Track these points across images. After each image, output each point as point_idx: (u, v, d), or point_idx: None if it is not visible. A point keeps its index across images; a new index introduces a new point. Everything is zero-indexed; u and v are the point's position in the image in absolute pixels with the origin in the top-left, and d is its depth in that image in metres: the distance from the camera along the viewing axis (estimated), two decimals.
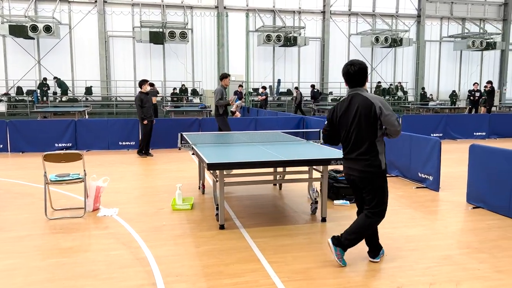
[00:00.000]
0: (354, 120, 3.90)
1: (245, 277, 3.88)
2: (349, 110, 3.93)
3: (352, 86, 3.99)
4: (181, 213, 5.85)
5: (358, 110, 3.87)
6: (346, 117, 3.96)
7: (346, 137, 4.00)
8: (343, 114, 3.98)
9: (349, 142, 3.99)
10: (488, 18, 28.34)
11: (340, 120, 4.00)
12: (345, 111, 3.96)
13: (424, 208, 6.14)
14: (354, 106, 3.91)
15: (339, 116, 4.00)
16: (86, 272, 3.99)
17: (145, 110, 10.37)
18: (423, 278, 3.85)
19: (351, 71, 3.93)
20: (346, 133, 3.99)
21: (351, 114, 3.91)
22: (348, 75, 3.95)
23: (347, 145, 4.03)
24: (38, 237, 4.93)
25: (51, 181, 5.60)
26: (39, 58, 22.88)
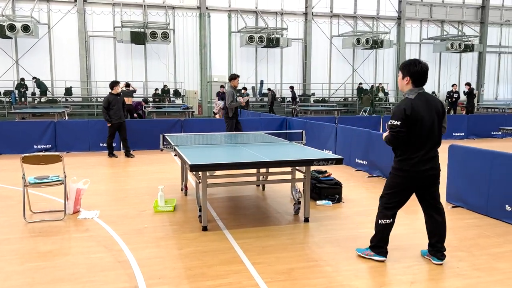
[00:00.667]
0: (434, 118, 3.94)
1: (228, 279, 3.87)
2: (429, 108, 3.93)
3: (421, 84, 4.00)
4: (163, 215, 5.80)
5: (435, 108, 3.96)
6: (428, 116, 3.91)
7: (429, 136, 3.94)
8: (424, 112, 3.90)
9: (432, 140, 3.97)
10: (466, 20, 28.95)
11: (423, 118, 3.89)
12: (425, 109, 3.91)
13: (405, 207, 6.13)
14: (431, 104, 3.96)
15: (422, 115, 3.89)
16: (66, 276, 3.93)
17: (112, 112, 10.34)
18: (404, 277, 3.90)
19: (425, 69, 3.97)
20: (428, 132, 3.93)
21: (432, 112, 3.93)
22: (423, 73, 3.96)
23: (429, 143, 3.96)
24: (16, 241, 4.83)
25: (30, 184, 5.49)
26: (17, 58, 22.44)
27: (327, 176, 6.64)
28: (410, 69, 3.99)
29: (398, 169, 4.05)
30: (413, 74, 3.97)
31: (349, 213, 5.91)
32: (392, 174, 4.15)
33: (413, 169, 3.96)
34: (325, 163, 5.03)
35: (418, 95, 3.95)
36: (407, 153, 3.97)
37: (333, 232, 5.14)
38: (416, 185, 4.08)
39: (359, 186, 7.59)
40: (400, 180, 4.06)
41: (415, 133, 3.91)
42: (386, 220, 4.15)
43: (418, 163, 3.96)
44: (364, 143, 8.67)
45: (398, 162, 4.06)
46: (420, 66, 3.96)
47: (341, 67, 27.29)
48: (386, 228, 4.19)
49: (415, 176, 4.00)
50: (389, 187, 4.17)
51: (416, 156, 3.95)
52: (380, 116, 13.96)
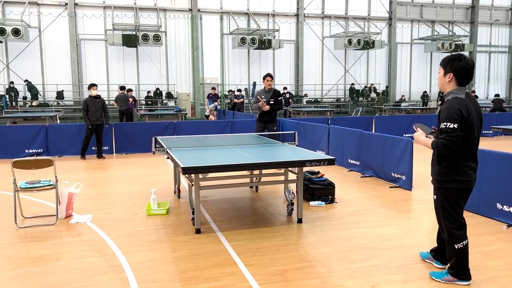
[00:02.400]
0: (479, 123, 3.59)
1: (222, 281, 3.86)
2: (476, 112, 3.54)
3: (466, 83, 3.56)
4: (157, 218, 5.79)
5: (479, 113, 3.59)
6: (477, 120, 3.55)
7: (477, 142, 3.58)
8: (475, 116, 3.51)
9: (477, 147, 3.61)
10: (457, 20, 29.18)
11: (474, 122, 3.50)
12: (475, 112, 3.51)
13: (397, 207, 6.26)
14: (477, 107, 3.56)
15: (473, 117, 3.49)
16: (58, 281, 3.90)
17: (90, 114, 10.74)
18: (397, 276, 3.92)
19: (471, 65, 3.52)
20: (477, 137, 3.58)
21: (478, 116, 3.57)
22: (468, 70, 3.52)
23: (476, 150, 3.61)
24: (7, 247, 4.79)
25: (21, 188, 5.44)
26: (8, 62, 22.26)
27: (319, 176, 6.66)
28: (454, 65, 3.53)
29: (453, 181, 3.57)
30: (458, 71, 3.51)
31: (342, 214, 5.93)
32: (445, 188, 3.64)
33: (468, 179, 3.57)
34: (317, 164, 5.04)
35: (468, 95, 3.53)
36: (458, 163, 3.53)
37: (326, 232, 5.15)
38: (467, 195, 3.68)
39: (352, 186, 7.61)
40: (458, 192, 3.61)
41: (470, 138, 3.48)
42: (463, 242, 3.69)
43: (472, 173, 3.56)
44: (357, 143, 8.71)
45: (451, 172, 3.56)
46: (466, 61, 3.50)
47: (333, 68, 27.38)
48: (466, 250, 3.72)
49: (468, 187, 3.60)
50: (450, 204, 3.66)
51: (470, 165, 3.54)
52: (372, 117, 14.02)
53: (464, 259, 3.73)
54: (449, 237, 3.73)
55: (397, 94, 28.24)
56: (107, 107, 11.37)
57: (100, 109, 10.83)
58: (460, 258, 3.71)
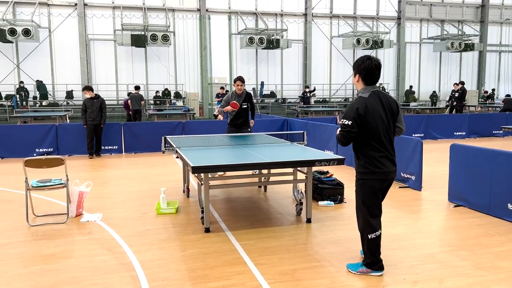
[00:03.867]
0: (388, 118, 3.80)
1: (232, 280, 3.87)
2: (383, 107, 3.77)
3: (372, 82, 3.81)
4: (166, 217, 5.81)
5: (389, 108, 3.80)
6: (384, 115, 3.76)
7: (385, 136, 3.78)
8: (380, 112, 3.74)
9: (388, 141, 3.82)
10: (466, 20, 28.93)
11: (379, 118, 3.73)
12: (380, 108, 3.75)
13: (407, 207, 6.23)
14: (385, 103, 3.79)
15: (378, 114, 3.72)
16: (70, 279, 3.94)
17: (88, 114, 11.00)
18: (407, 276, 3.90)
19: (374, 65, 3.76)
20: (386, 132, 3.79)
21: (386, 111, 3.78)
22: (371, 70, 3.76)
23: (389, 144, 3.83)
24: (19, 245, 4.84)
25: (33, 187, 5.50)
26: (18, 62, 22.48)
27: (328, 176, 6.65)
28: (359, 66, 3.80)
29: (367, 173, 3.81)
30: (362, 71, 3.79)
31: (351, 214, 5.91)
32: (361, 180, 3.88)
33: (381, 170, 3.78)
34: (326, 163, 5.03)
35: (372, 93, 3.77)
36: (370, 154, 3.78)
37: (335, 232, 5.14)
38: (384, 186, 3.88)
39: None
40: (372, 183, 3.81)
41: (374, 133, 3.74)
42: (376, 233, 3.86)
43: (384, 164, 3.79)
44: None
45: (364, 165, 3.82)
46: (368, 62, 3.76)
47: (341, 68, 27.29)
48: (378, 241, 3.90)
49: (383, 178, 3.82)
50: (366, 197, 3.87)
51: (381, 157, 3.77)
52: None
53: (376, 250, 3.92)
54: (363, 227, 3.94)
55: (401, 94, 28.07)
56: (106, 107, 11.40)
57: (97, 110, 11.02)
58: (372, 248, 3.91)
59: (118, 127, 11.72)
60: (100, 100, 11.13)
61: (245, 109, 8.04)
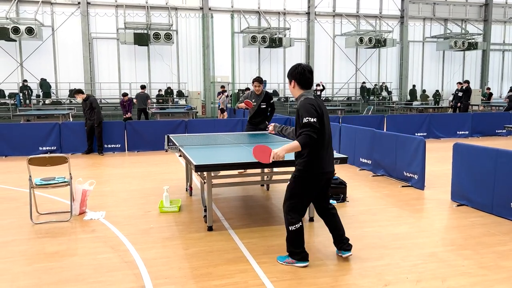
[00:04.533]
0: (328, 119, 4.04)
1: (234, 278, 3.89)
2: (325, 110, 4.02)
3: (308, 86, 4.02)
4: (169, 215, 5.83)
5: (325, 110, 4.01)
6: (325, 116, 3.98)
7: (328, 136, 4.01)
8: (324, 112, 3.94)
9: (331, 141, 4.05)
10: (470, 18, 28.86)
11: (325, 117, 3.94)
12: (324, 109, 3.96)
13: (409, 206, 6.23)
14: (325, 106, 4.04)
15: (324, 113, 3.93)
16: (73, 277, 3.96)
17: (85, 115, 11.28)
18: (409, 275, 3.91)
19: (307, 70, 3.99)
20: (329, 132, 4.02)
21: (326, 113, 4.01)
22: (303, 74, 3.97)
23: (330, 144, 4.06)
24: (23, 242, 4.87)
25: (36, 185, 5.53)
26: (22, 61, 22.56)
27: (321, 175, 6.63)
28: (292, 73, 4.03)
29: (305, 171, 3.91)
30: (296, 77, 3.99)
31: (353, 212, 5.92)
32: (297, 177, 3.99)
33: (320, 171, 3.91)
34: None
35: (314, 96, 3.97)
36: (315, 153, 3.88)
37: None
38: (320, 186, 4.04)
39: (364, 185, 7.59)
40: (307, 182, 3.95)
41: (324, 130, 3.89)
42: (296, 226, 4.02)
43: (325, 164, 3.93)
44: (368, 142, 8.67)
45: (304, 163, 3.91)
46: (301, 68, 3.98)
47: (344, 67, 27.27)
48: (299, 232, 4.06)
49: (319, 178, 3.96)
50: (296, 192, 4.02)
51: (324, 156, 3.91)
52: (384, 115, 13.94)
53: (298, 241, 4.08)
54: (287, 219, 4.08)
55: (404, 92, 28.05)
56: (99, 105, 11.40)
57: (88, 110, 11.10)
58: (294, 240, 4.08)
59: (121, 126, 11.74)
60: (90, 100, 11.16)
61: (263, 109, 8.20)
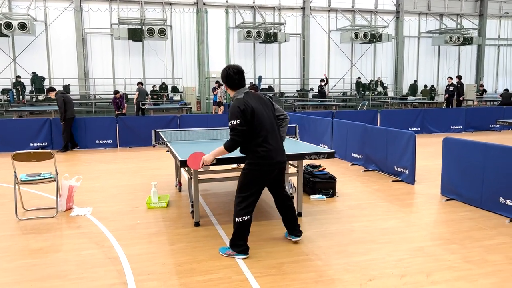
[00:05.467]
0: (269, 111, 4.16)
1: (218, 274, 3.85)
2: (260, 102, 4.11)
3: (239, 86, 4.13)
4: (157, 211, 5.79)
5: (264, 102, 4.17)
6: (263, 109, 4.08)
7: (271, 127, 4.10)
8: (258, 105, 4.05)
9: (275, 132, 4.14)
10: (465, 13, 28.80)
11: (259, 111, 4.03)
12: (258, 103, 4.07)
13: (399, 201, 6.20)
14: (260, 98, 4.17)
15: (257, 107, 4.03)
16: (56, 273, 3.91)
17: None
18: (394, 270, 3.88)
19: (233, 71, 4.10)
20: (269, 124, 4.09)
21: (264, 105, 4.13)
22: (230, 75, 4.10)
23: (274, 135, 4.12)
24: (7, 238, 4.81)
25: (21, 181, 5.46)
26: (15, 56, 22.37)
27: (321, 170, 6.61)
28: (222, 76, 4.17)
29: (252, 164, 4.06)
30: (224, 80, 4.14)
31: (342, 207, 5.88)
32: (246, 170, 4.11)
33: (267, 162, 4.02)
34: (316, 157, 5.00)
35: (246, 93, 4.08)
36: (258, 147, 4.01)
37: (326, 226, 5.12)
38: (270, 177, 4.15)
39: (354, 180, 7.56)
40: (256, 174, 4.07)
41: (258, 126, 3.99)
42: (243, 218, 4.09)
43: (271, 154, 4.03)
44: (360, 137, 8.64)
45: (251, 157, 4.07)
46: (226, 70, 4.11)
47: (339, 62, 27.19)
48: (245, 225, 4.12)
49: (269, 169, 4.07)
50: (245, 184, 4.11)
51: (267, 149, 4.01)
52: (377, 110, 13.91)
53: (241, 233, 4.15)
54: (236, 210, 4.13)
55: (404, 88, 28.03)
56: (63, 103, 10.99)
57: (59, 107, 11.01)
58: (238, 231, 4.14)
59: (113, 121, 11.67)
60: (57, 97, 11.05)
61: None
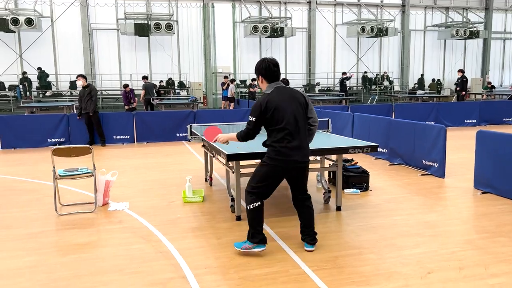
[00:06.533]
0: (297, 109, 4.02)
1: (274, 267, 3.85)
2: (289, 99, 4.01)
3: (274, 79, 4.08)
4: (193, 206, 5.78)
5: (296, 99, 4.04)
6: (289, 106, 3.97)
7: (296, 126, 3.97)
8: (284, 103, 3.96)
9: (301, 131, 4.02)
10: (471, 7, 28.74)
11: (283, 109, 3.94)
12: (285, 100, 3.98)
13: (433, 194, 6.21)
14: (291, 95, 4.04)
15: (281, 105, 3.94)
16: (111, 267, 3.91)
17: (82, 104, 11.07)
18: (451, 263, 3.88)
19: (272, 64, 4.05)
20: (294, 121, 3.96)
21: (292, 102, 4.00)
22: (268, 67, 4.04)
23: (299, 134, 3.99)
24: (52, 234, 4.81)
25: (60, 176, 5.45)
26: (21, 52, 22.28)
27: (353, 164, 6.61)
28: (258, 69, 4.10)
29: (268, 158, 4.01)
30: (261, 71, 4.07)
31: (378, 201, 5.89)
32: (263, 163, 4.10)
33: (283, 159, 3.94)
34: (360, 150, 4.99)
35: (275, 89, 4.02)
36: (277, 143, 3.95)
37: (367, 220, 5.12)
38: (286, 175, 4.09)
39: (382, 174, 7.56)
40: (271, 169, 4.02)
41: (280, 122, 3.91)
42: (254, 204, 4.04)
43: (290, 152, 3.94)
44: (384, 131, 8.63)
45: (269, 151, 4.02)
46: (265, 62, 4.05)
47: (345, 56, 27.15)
48: (257, 211, 4.06)
49: (284, 166, 3.98)
50: (260, 176, 4.07)
51: (286, 146, 3.93)
52: (392, 104, 13.90)
53: (255, 221, 4.07)
54: (247, 199, 4.10)
55: (410, 82, 28.02)
56: (96, 94, 11.22)
57: (85, 98, 10.94)
58: (251, 220, 4.08)
59: (130, 117, 11.64)
60: (90, 88, 11.04)
61: None
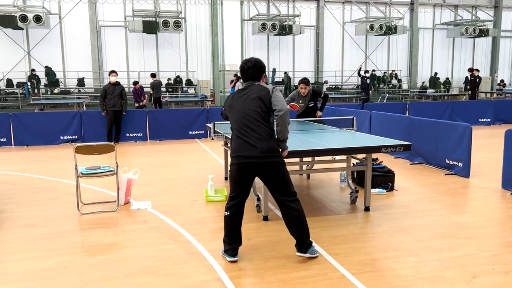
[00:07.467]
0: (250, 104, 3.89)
1: (312, 270, 3.72)
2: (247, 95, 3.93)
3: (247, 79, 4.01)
4: (217, 205, 5.66)
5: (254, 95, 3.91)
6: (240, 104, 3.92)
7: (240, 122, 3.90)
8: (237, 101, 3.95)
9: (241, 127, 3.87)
10: (480, 5, 28.48)
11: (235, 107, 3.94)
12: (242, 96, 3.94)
13: (461, 195, 6.06)
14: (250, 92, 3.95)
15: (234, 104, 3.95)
16: (142, 269, 3.78)
17: (107, 100, 10.84)
18: (495, 266, 3.74)
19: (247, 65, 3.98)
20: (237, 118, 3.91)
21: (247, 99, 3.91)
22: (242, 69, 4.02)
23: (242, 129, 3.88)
24: (76, 233, 4.69)
25: (82, 174, 5.33)
26: (29, 49, 22.20)
27: (378, 163, 6.48)
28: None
29: (233, 157, 3.90)
30: (240, 72, 4.09)
31: (406, 201, 5.75)
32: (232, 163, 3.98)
33: (234, 155, 3.85)
34: (393, 149, 4.86)
35: (240, 89, 4.02)
36: (232, 141, 3.92)
37: (398, 221, 4.98)
38: (246, 174, 3.85)
39: (404, 173, 7.41)
40: (232, 168, 3.91)
41: (231, 120, 3.96)
42: (225, 213, 3.92)
43: (238, 148, 3.82)
44: (404, 129, 8.48)
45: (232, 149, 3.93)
46: (242, 63, 4.03)
47: (354, 54, 26.95)
48: (225, 221, 3.92)
49: (237, 163, 3.83)
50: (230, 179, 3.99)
51: (236, 142, 3.84)
52: (406, 103, 13.74)
53: (225, 230, 3.96)
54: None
55: (419, 80, 27.80)
56: (126, 94, 11.22)
57: (117, 96, 10.86)
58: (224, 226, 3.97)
59: (143, 114, 11.53)
60: (121, 87, 10.98)
61: (311, 107, 7.82)
